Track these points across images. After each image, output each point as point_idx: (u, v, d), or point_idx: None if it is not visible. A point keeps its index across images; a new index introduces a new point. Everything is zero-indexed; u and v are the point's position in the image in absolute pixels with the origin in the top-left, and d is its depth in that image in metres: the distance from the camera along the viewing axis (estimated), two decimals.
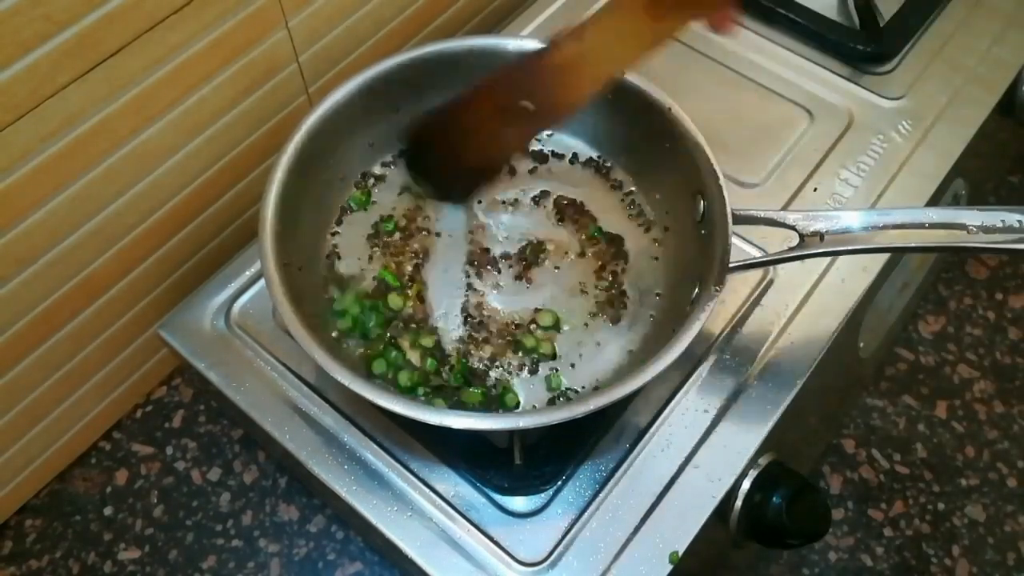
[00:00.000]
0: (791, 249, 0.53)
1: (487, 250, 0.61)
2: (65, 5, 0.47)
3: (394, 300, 0.58)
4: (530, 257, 0.61)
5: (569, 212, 0.63)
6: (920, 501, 0.70)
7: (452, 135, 0.59)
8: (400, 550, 0.51)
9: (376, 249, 0.61)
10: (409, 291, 0.59)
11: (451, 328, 0.58)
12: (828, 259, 0.62)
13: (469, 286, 0.60)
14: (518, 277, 0.60)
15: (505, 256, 0.61)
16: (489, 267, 0.61)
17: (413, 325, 0.58)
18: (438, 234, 0.62)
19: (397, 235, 0.62)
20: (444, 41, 0.62)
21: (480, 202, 0.63)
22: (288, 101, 0.66)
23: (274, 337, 0.59)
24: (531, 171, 0.65)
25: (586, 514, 0.52)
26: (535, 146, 0.66)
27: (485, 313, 0.59)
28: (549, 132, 0.66)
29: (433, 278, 0.60)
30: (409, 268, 0.60)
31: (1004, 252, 0.64)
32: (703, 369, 0.58)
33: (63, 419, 0.64)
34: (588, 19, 0.53)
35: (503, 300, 0.59)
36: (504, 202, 0.64)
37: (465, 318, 0.58)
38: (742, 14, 0.52)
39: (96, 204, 0.56)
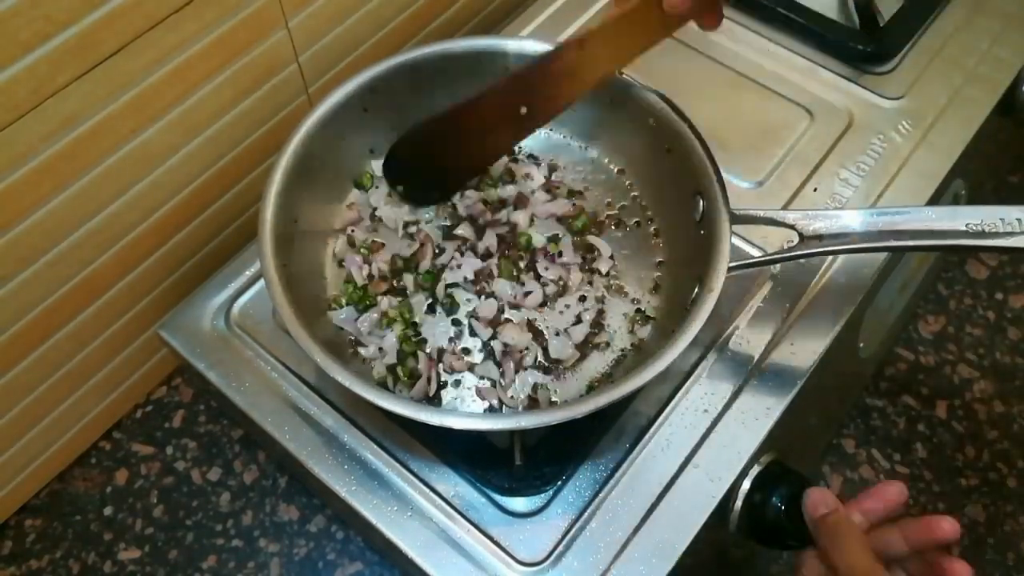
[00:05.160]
0: (791, 249, 0.53)
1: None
2: (65, 5, 0.47)
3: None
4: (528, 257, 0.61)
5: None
6: (920, 501, 0.70)
7: (445, 141, 0.60)
8: (400, 550, 0.51)
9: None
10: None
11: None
12: (828, 259, 0.62)
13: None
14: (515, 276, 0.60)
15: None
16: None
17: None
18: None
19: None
20: (444, 41, 0.62)
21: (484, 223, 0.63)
22: (288, 101, 0.66)
23: (274, 337, 0.59)
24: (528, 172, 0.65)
25: (586, 514, 0.52)
26: (536, 147, 0.66)
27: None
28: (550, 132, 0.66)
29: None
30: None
31: (1004, 251, 0.64)
32: (703, 369, 0.58)
33: (63, 419, 0.64)
34: (591, 29, 0.54)
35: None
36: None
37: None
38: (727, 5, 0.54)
39: (96, 204, 0.56)
